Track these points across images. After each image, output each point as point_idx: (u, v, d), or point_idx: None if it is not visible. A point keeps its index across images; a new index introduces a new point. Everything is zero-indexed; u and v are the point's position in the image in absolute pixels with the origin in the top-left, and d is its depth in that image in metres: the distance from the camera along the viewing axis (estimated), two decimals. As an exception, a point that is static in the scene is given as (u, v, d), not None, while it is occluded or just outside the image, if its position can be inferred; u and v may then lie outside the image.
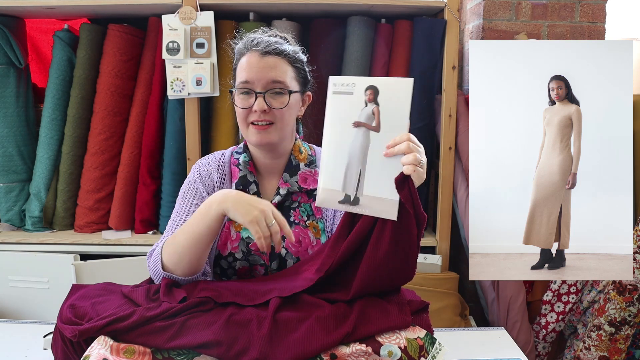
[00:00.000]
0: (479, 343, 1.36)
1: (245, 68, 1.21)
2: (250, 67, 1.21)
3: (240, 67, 1.24)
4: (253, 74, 1.20)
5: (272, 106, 1.21)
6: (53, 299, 1.98)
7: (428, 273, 2.05)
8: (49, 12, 2.12)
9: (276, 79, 1.21)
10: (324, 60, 2.07)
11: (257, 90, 1.20)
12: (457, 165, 2.12)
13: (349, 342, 1.02)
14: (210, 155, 1.36)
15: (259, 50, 1.21)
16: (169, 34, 1.97)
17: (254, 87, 1.21)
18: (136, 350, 0.99)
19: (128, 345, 0.99)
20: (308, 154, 1.34)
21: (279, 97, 1.22)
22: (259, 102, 1.20)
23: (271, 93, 1.21)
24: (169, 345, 0.99)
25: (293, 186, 1.28)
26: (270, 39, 1.24)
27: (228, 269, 1.25)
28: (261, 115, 1.20)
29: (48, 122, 2.11)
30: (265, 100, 1.20)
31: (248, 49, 1.23)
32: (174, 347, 0.99)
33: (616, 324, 1.80)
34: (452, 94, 2.05)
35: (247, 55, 1.23)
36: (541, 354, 2.11)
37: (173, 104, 2.07)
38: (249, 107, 1.21)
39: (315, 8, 2.05)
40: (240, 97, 1.23)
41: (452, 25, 2.02)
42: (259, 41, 1.23)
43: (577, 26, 2.15)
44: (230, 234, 1.25)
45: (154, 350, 1.00)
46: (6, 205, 2.17)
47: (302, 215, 1.28)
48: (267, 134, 1.22)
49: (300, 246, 1.25)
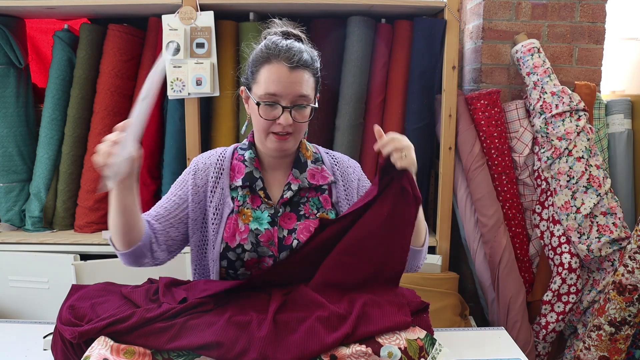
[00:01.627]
0: (479, 343, 1.36)
1: (274, 80, 1.20)
2: (280, 80, 1.20)
3: (265, 76, 1.22)
4: (281, 88, 1.20)
5: (296, 120, 1.23)
6: (53, 299, 1.98)
7: (428, 273, 2.05)
8: (49, 12, 2.12)
9: (302, 93, 1.22)
10: (324, 60, 2.05)
11: (284, 105, 1.21)
12: (457, 165, 2.12)
13: (349, 343, 1.02)
14: (212, 150, 1.39)
15: (289, 65, 1.20)
16: (169, 34, 1.97)
17: (281, 101, 1.21)
18: (136, 351, 0.99)
19: (128, 346, 0.99)
20: (313, 152, 1.37)
21: (303, 110, 1.23)
22: (285, 117, 1.21)
23: (296, 107, 1.22)
24: (169, 346, 0.99)
25: (304, 182, 1.30)
26: (294, 45, 1.24)
27: (236, 260, 1.26)
28: (285, 128, 1.22)
29: (48, 122, 2.11)
30: (290, 115, 1.21)
31: (275, 58, 1.21)
32: (174, 348, 0.99)
33: (616, 324, 1.80)
34: (452, 94, 2.05)
35: (275, 65, 1.21)
36: (541, 354, 2.11)
37: (173, 104, 2.07)
38: (274, 120, 1.22)
39: (315, 8, 2.05)
40: (265, 108, 1.22)
41: (452, 25, 2.02)
42: (287, 50, 1.21)
43: (577, 26, 2.15)
44: (239, 227, 1.26)
45: (154, 352, 1.00)
46: (6, 205, 2.17)
47: (312, 209, 1.30)
48: (286, 143, 1.25)
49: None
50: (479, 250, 2.10)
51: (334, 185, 1.34)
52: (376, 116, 2.13)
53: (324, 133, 2.11)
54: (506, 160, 2.08)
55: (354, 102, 2.07)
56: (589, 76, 2.18)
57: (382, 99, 2.13)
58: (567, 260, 2.00)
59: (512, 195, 2.09)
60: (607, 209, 1.97)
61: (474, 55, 2.24)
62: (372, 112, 2.13)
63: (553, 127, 2.00)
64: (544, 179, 2.06)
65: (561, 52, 2.17)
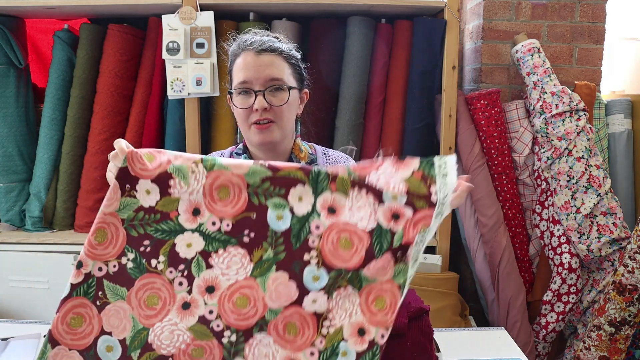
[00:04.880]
0: (479, 343, 1.36)
1: (242, 68, 1.21)
2: (247, 66, 1.21)
3: (236, 68, 1.24)
4: (250, 73, 1.20)
5: (273, 103, 1.20)
6: (53, 299, 1.98)
7: (428, 273, 2.05)
8: (49, 12, 2.12)
9: (274, 75, 1.21)
10: (324, 60, 2.07)
11: (256, 89, 1.20)
12: (457, 165, 2.11)
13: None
14: (208, 155, 1.36)
15: (254, 49, 1.21)
16: (169, 34, 1.97)
17: (253, 87, 1.20)
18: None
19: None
20: (309, 153, 1.34)
21: (279, 93, 1.21)
22: (259, 100, 1.19)
23: (270, 90, 1.21)
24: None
25: None
26: (264, 37, 1.24)
27: None
28: (262, 113, 1.20)
29: (48, 122, 2.11)
30: (265, 98, 1.20)
31: (242, 49, 1.23)
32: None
33: (616, 324, 1.80)
34: (452, 94, 2.05)
35: (242, 55, 1.23)
36: (541, 354, 2.11)
37: (173, 104, 2.07)
38: (249, 107, 1.20)
39: (315, 8, 2.05)
40: (239, 97, 1.22)
41: (452, 25, 2.02)
42: (253, 41, 1.23)
43: (577, 26, 2.15)
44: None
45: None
46: (6, 205, 2.17)
47: None
48: (269, 132, 1.22)
49: None
50: (479, 250, 2.10)
51: None
52: (376, 116, 2.13)
53: (324, 133, 2.11)
54: (506, 160, 2.08)
55: (354, 102, 2.07)
56: (589, 76, 2.18)
57: (382, 99, 2.13)
58: (567, 260, 2.00)
59: (512, 195, 2.09)
60: (607, 209, 1.97)
61: (474, 55, 2.24)
62: (372, 112, 2.13)
63: (553, 127, 2.00)
64: (544, 179, 2.06)
65: (561, 52, 2.17)
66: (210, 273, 0.95)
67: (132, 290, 0.94)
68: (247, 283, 0.94)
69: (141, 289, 0.93)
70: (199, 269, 0.95)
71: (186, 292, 0.94)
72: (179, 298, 0.94)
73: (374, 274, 0.92)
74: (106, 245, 0.96)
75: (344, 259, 0.93)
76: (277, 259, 0.94)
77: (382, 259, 0.91)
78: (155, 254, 0.94)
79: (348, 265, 0.92)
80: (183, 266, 0.95)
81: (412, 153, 2.11)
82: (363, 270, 0.92)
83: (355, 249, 0.92)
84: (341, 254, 0.93)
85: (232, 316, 0.93)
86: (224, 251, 0.94)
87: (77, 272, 0.95)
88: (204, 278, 0.94)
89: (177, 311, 0.94)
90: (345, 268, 0.92)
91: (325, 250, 0.93)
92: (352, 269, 0.92)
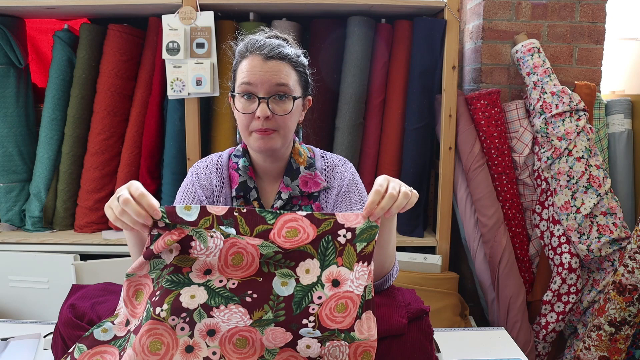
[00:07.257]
0: (479, 343, 1.36)
1: (248, 70, 1.18)
2: (254, 70, 1.18)
3: (241, 69, 1.21)
4: (256, 77, 1.17)
5: (276, 112, 1.18)
6: (53, 299, 1.98)
7: (428, 273, 2.05)
8: (49, 12, 2.12)
9: (279, 82, 1.18)
10: (324, 61, 2.07)
11: (260, 96, 1.18)
12: (457, 165, 2.12)
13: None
14: (207, 158, 1.35)
15: (263, 55, 1.18)
16: (169, 34, 1.97)
17: (257, 92, 1.18)
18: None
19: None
20: (307, 157, 1.32)
21: (283, 103, 1.19)
22: (262, 108, 1.17)
23: (274, 98, 1.18)
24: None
25: (295, 190, 1.27)
26: (273, 41, 1.21)
27: None
28: (264, 123, 1.18)
29: (48, 122, 2.11)
30: (268, 106, 1.17)
31: (250, 52, 1.20)
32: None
33: (616, 324, 1.80)
34: (452, 94, 2.05)
35: (249, 58, 1.20)
36: (541, 354, 2.11)
37: (173, 104, 2.07)
38: (252, 113, 1.18)
39: (315, 8, 2.05)
40: (242, 101, 1.20)
41: (452, 25, 2.02)
42: (262, 44, 1.19)
43: (577, 26, 2.15)
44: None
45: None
46: (6, 205, 2.17)
47: None
48: (270, 140, 1.20)
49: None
50: (479, 250, 2.10)
51: (324, 192, 1.30)
52: (376, 116, 2.13)
53: (324, 133, 2.11)
54: (506, 160, 2.08)
55: (353, 102, 2.07)
56: (589, 76, 2.18)
57: (382, 99, 2.13)
58: (567, 260, 2.00)
59: (512, 195, 2.09)
60: (607, 209, 1.97)
61: (474, 55, 2.24)
62: (372, 112, 2.13)
63: (553, 127, 2.00)
64: (544, 179, 2.06)
65: (561, 52, 2.17)
66: (211, 320, 0.98)
67: (137, 337, 0.95)
68: (246, 328, 0.98)
69: (144, 335, 0.95)
70: (200, 317, 0.97)
71: (188, 336, 0.97)
72: (181, 342, 0.97)
73: (362, 333, 0.98)
74: (140, 303, 1.01)
75: (338, 321, 0.98)
76: (276, 320, 0.97)
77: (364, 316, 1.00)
78: (160, 303, 0.96)
79: (341, 326, 0.97)
80: (185, 314, 0.97)
81: (412, 153, 2.11)
82: (355, 332, 0.97)
83: (349, 311, 0.98)
84: (336, 317, 0.98)
85: (234, 356, 0.97)
86: (225, 307, 0.98)
87: (125, 329, 1.00)
88: (205, 323, 0.97)
89: (181, 355, 0.96)
90: (338, 329, 0.97)
91: (323, 316, 0.98)
92: (344, 329, 0.97)
